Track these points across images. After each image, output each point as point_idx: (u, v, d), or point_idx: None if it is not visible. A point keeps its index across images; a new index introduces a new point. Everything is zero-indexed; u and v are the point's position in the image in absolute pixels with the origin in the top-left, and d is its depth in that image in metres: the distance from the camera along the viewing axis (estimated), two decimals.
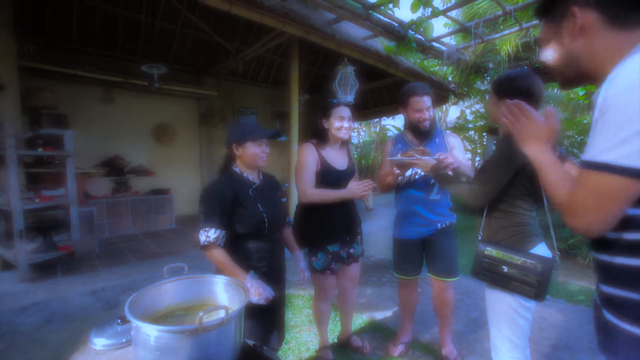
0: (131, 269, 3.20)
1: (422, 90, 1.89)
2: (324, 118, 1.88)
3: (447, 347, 2.11)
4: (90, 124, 4.97)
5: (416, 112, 1.90)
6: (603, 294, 0.74)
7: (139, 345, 0.82)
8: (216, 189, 1.42)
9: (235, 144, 1.45)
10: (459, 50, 4.96)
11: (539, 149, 0.88)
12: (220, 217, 1.36)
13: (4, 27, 3.19)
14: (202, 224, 1.36)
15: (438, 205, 1.97)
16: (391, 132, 13.50)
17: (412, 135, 2.03)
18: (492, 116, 1.42)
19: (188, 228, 5.09)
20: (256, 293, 1.27)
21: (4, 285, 2.74)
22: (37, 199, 3.08)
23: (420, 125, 1.92)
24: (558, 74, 0.82)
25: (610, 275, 0.72)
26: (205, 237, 1.34)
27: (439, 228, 1.97)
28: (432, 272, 2.04)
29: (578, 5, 0.71)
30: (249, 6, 3.05)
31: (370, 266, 3.88)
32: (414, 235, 2.00)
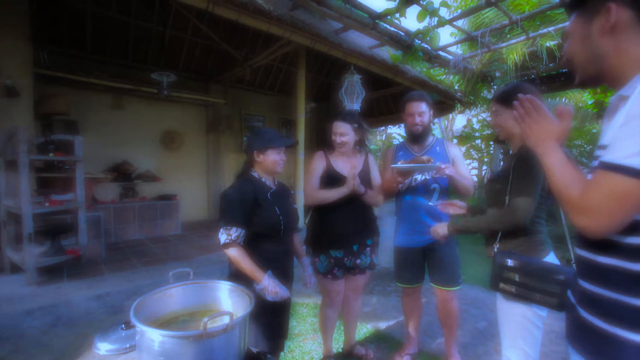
0: (136, 274, 3.21)
1: (416, 97, 1.99)
2: (328, 128, 2.01)
3: (453, 358, 2.08)
4: (100, 130, 5.06)
5: (409, 116, 1.99)
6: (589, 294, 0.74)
7: (144, 350, 0.82)
8: (238, 190, 1.49)
9: (257, 150, 1.54)
10: (466, 59, 4.98)
11: (550, 146, 0.83)
12: (241, 216, 1.42)
13: (22, 36, 3.29)
14: (224, 223, 1.41)
15: (438, 212, 1.92)
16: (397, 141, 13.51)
17: (413, 144, 2.08)
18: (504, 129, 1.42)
19: (193, 234, 5.11)
20: (273, 292, 1.33)
21: (12, 288, 2.77)
22: (46, 203, 3.13)
23: (412, 129, 1.99)
24: (579, 71, 0.80)
25: (607, 278, 0.71)
26: (227, 236, 1.39)
27: None
28: (434, 282, 2.03)
29: (615, 2, 0.69)
30: (257, 16, 3.10)
31: (375, 275, 3.84)
32: (415, 244, 2.00)
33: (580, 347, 0.76)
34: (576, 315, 0.78)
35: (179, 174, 6.02)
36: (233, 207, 1.43)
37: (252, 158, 1.56)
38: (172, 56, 5.54)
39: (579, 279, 0.78)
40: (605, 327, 0.69)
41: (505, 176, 1.35)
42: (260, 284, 1.35)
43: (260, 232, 1.47)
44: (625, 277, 0.68)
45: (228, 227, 1.40)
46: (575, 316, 0.78)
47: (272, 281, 1.35)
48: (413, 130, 1.99)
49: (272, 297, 1.33)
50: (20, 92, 3.22)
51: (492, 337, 2.46)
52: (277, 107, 7.32)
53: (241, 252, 1.40)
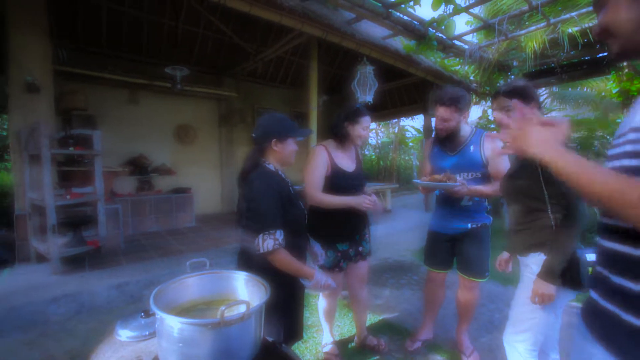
0: (153, 265, 3.30)
1: (445, 101, 1.84)
2: (347, 122, 1.90)
3: (463, 342, 2.11)
4: (116, 125, 5.18)
5: (436, 118, 1.94)
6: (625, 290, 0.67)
7: (163, 337, 0.84)
8: (270, 188, 1.34)
9: (276, 139, 1.40)
10: (482, 48, 4.84)
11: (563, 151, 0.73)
12: (280, 217, 1.30)
13: (41, 34, 3.38)
14: (264, 228, 1.26)
15: (474, 205, 1.96)
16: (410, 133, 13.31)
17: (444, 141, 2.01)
18: None
19: (207, 227, 5.20)
20: (325, 286, 1.34)
21: (39, 277, 2.90)
22: (68, 195, 3.24)
23: (437, 131, 1.96)
24: (621, 41, 0.72)
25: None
26: (274, 241, 1.25)
27: (469, 228, 1.96)
28: (461, 270, 2.05)
29: None
30: (268, 7, 3.08)
31: (387, 268, 3.84)
32: (443, 230, 2.04)
33: (609, 345, 0.71)
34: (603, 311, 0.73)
35: (193, 167, 6.12)
36: (272, 209, 1.29)
37: (267, 147, 1.42)
38: (185, 50, 5.59)
39: (609, 273, 0.72)
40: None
41: (530, 170, 1.28)
42: (313, 280, 1.34)
43: (289, 229, 1.35)
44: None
45: (271, 231, 1.26)
46: (602, 312, 0.73)
47: (323, 276, 1.36)
48: (437, 133, 1.96)
49: (323, 291, 1.32)
50: (40, 88, 3.31)
51: (496, 327, 2.45)
52: (289, 100, 7.31)
53: (288, 254, 1.30)
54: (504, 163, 1.82)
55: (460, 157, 1.92)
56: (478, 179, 1.88)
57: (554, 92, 7.88)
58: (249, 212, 1.34)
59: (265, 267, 1.34)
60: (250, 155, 1.45)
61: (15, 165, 3.38)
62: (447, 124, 1.86)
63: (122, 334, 1.12)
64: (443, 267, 2.12)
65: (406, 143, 13.04)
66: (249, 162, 1.43)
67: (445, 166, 1.94)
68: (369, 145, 13.31)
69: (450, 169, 1.89)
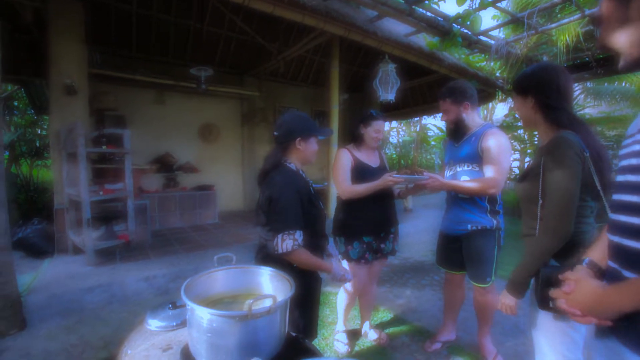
0: (179, 259, 3.43)
1: (440, 94, 1.99)
2: (362, 124, 2.07)
3: (485, 346, 2.07)
4: (144, 124, 5.40)
5: None
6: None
7: (193, 327, 0.88)
8: (291, 188, 1.33)
9: (300, 137, 1.40)
10: (509, 44, 4.65)
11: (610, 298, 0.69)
12: (300, 217, 1.30)
13: (79, 41, 3.59)
14: (284, 228, 1.27)
15: (469, 204, 1.91)
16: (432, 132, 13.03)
17: None
18: (523, 118, 1.31)
19: (230, 223, 5.34)
20: (342, 278, 1.40)
21: (75, 267, 3.09)
22: (101, 191, 3.42)
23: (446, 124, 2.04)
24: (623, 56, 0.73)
25: None
26: (293, 241, 1.26)
27: (469, 230, 1.91)
28: (467, 274, 2.03)
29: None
30: (291, 7, 3.11)
31: (409, 268, 3.79)
32: (447, 230, 2.06)
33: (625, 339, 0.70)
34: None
35: (216, 165, 6.28)
36: (293, 209, 1.29)
37: (290, 145, 1.41)
38: (209, 51, 5.74)
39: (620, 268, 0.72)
40: None
41: (535, 174, 1.20)
42: (332, 273, 1.40)
43: (308, 229, 1.35)
44: None
45: (291, 231, 1.26)
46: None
47: (341, 268, 1.41)
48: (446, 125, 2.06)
49: (341, 282, 1.38)
50: (77, 91, 3.52)
51: (522, 332, 2.37)
52: (310, 99, 7.35)
53: (307, 252, 1.31)
54: (496, 159, 1.78)
55: (460, 148, 1.96)
56: (475, 171, 1.87)
57: (588, 88, 7.45)
58: (269, 211, 1.33)
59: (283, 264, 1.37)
60: (271, 153, 1.45)
61: (54, 163, 3.61)
62: (446, 116, 1.97)
63: (152, 324, 1.18)
64: (455, 268, 2.09)
65: (428, 142, 12.78)
66: (270, 160, 1.42)
67: (449, 158, 2.04)
68: (389, 144, 13.15)
69: (453, 160, 1.98)
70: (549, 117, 1.20)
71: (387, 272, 3.62)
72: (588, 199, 1.17)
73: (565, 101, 1.20)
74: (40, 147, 6.83)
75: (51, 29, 3.42)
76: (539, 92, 1.20)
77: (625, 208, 0.71)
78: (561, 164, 1.10)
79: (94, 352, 2.09)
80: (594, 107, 7.66)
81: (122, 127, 4.44)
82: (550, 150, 1.14)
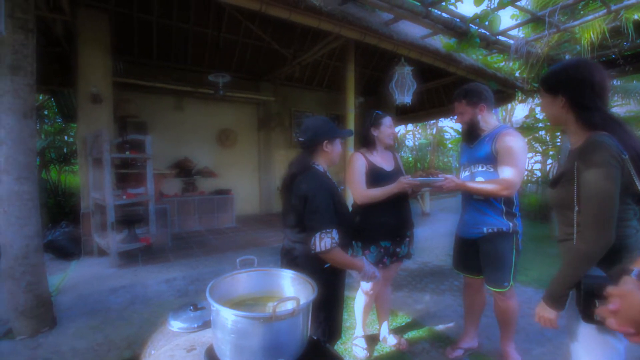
0: (199, 262, 3.50)
1: (455, 96, 1.99)
2: (372, 127, 2.09)
3: (509, 354, 2.00)
4: (163, 130, 5.57)
5: None
6: None
7: (218, 327, 0.89)
8: (324, 187, 1.37)
9: (327, 140, 1.44)
10: (529, 43, 4.53)
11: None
12: (335, 215, 1.34)
13: (105, 51, 3.76)
14: (323, 225, 1.29)
15: (484, 206, 1.88)
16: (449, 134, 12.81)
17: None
18: (551, 118, 1.24)
19: (246, 227, 5.40)
20: (372, 276, 1.43)
21: (100, 269, 3.21)
22: (124, 196, 3.54)
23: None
24: None
25: None
26: (331, 239, 1.29)
27: (485, 232, 1.86)
28: (484, 279, 1.98)
29: None
30: (307, 12, 3.15)
31: (427, 272, 3.72)
32: (463, 234, 2.03)
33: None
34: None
35: (233, 169, 6.40)
36: (328, 208, 1.32)
37: (318, 148, 1.45)
38: (226, 58, 5.88)
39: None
40: None
41: (568, 179, 1.13)
42: (362, 271, 1.43)
43: (339, 228, 1.37)
44: None
45: (328, 229, 1.29)
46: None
47: (371, 267, 1.44)
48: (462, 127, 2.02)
49: (370, 280, 1.42)
50: (103, 99, 3.67)
51: (549, 339, 2.28)
52: (326, 103, 7.38)
53: (342, 251, 1.35)
54: (511, 160, 1.75)
55: (475, 149, 1.93)
56: (490, 172, 1.84)
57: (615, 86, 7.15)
58: (303, 210, 1.35)
59: (309, 266, 1.37)
60: (299, 158, 1.48)
61: (81, 169, 3.77)
62: (461, 118, 1.95)
63: (174, 325, 1.21)
64: (473, 272, 2.04)
65: (445, 144, 12.56)
66: (298, 164, 1.45)
67: (464, 159, 2.02)
68: (405, 147, 13.01)
69: (468, 161, 1.96)
70: (581, 117, 1.13)
71: (406, 277, 3.57)
72: (629, 202, 1.10)
73: (600, 100, 1.12)
74: (67, 153, 7.15)
75: (79, 40, 3.59)
76: (571, 91, 1.13)
77: None
78: (597, 168, 1.04)
79: (119, 351, 2.15)
80: (622, 105, 7.33)
81: (143, 133, 4.60)
82: (584, 153, 1.08)
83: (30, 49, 2.14)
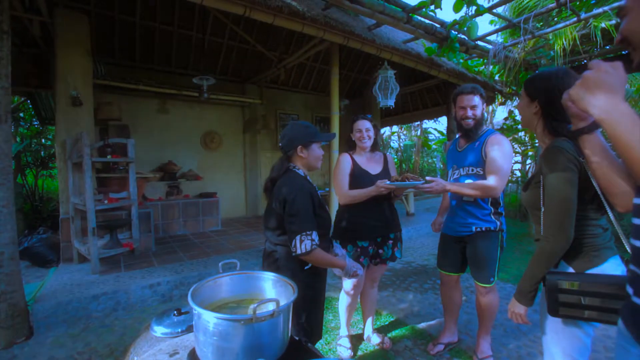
0: (183, 267, 3.46)
1: (469, 89, 1.96)
2: (351, 133, 2.15)
3: (480, 346, 2.09)
4: (147, 133, 5.48)
5: (460, 109, 1.98)
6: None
7: (200, 330, 0.91)
8: (304, 191, 1.39)
9: (301, 145, 1.46)
10: (507, 48, 4.70)
11: (614, 101, 0.65)
12: (314, 218, 1.37)
13: (84, 52, 3.67)
14: (301, 229, 1.33)
15: (473, 207, 1.96)
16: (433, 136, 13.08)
17: (461, 137, 2.09)
18: (524, 120, 1.30)
19: (232, 230, 5.36)
20: (354, 273, 1.45)
21: (81, 276, 3.13)
22: (105, 200, 3.47)
23: (463, 122, 1.97)
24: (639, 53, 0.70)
25: None
26: (311, 242, 1.32)
27: (473, 231, 1.95)
28: (471, 274, 2.06)
29: None
30: (291, 17, 3.18)
31: (411, 272, 3.80)
32: (451, 232, 2.08)
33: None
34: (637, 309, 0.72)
35: (218, 172, 6.34)
36: (307, 211, 1.35)
37: (293, 154, 1.48)
38: (211, 60, 5.84)
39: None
40: None
41: (537, 182, 1.21)
42: (345, 269, 1.46)
43: (319, 232, 1.40)
44: None
45: (308, 232, 1.32)
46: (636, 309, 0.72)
47: (353, 264, 1.47)
48: (464, 124, 1.96)
49: (352, 278, 1.44)
50: (83, 102, 3.59)
51: (524, 333, 2.40)
52: (311, 105, 7.42)
53: (322, 251, 1.38)
54: (499, 163, 1.83)
55: (465, 154, 1.99)
56: (479, 175, 1.92)
57: None
58: (283, 213, 1.38)
59: (290, 268, 1.40)
60: (278, 163, 1.52)
61: (60, 173, 3.67)
62: (475, 112, 1.93)
63: (157, 330, 1.21)
64: (453, 270, 2.13)
65: (429, 145, 12.82)
66: (278, 169, 1.49)
67: (453, 162, 2.06)
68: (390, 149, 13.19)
69: (457, 165, 2.02)
70: (548, 125, 1.21)
71: (390, 277, 3.63)
72: (591, 202, 1.17)
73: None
74: (45, 157, 6.92)
75: (58, 42, 3.50)
76: (547, 100, 1.18)
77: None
78: (557, 171, 1.12)
79: (101, 359, 2.11)
80: None
81: (126, 136, 4.52)
82: (546, 158, 1.16)
83: (5, 51, 2.09)
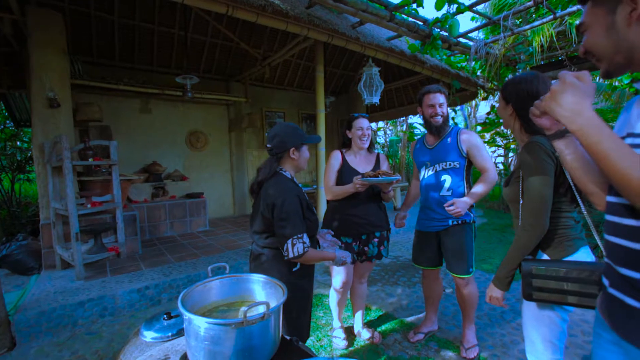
0: (171, 269, 3.42)
1: (434, 89, 2.05)
2: (347, 130, 2.16)
3: (466, 336, 2.15)
4: (130, 134, 5.35)
5: (429, 108, 2.05)
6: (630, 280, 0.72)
7: (191, 335, 0.91)
8: (293, 194, 1.40)
9: (294, 147, 1.46)
10: (488, 45, 4.81)
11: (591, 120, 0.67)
12: (304, 220, 1.39)
13: (60, 52, 3.54)
14: (293, 233, 1.34)
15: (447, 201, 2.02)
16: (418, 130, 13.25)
17: (428, 135, 2.16)
18: (503, 121, 1.38)
19: (221, 230, 5.32)
20: (343, 262, 1.49)
21: (65, 282, 3.05)
22: (88, 204, 3.38)
23: (432, 120, 2.05)
24: (605, 62, 0.75)
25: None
26: (303, 244, 1.34)
27: (450, 224, 2.02)
28: (448, 268, 2.11)
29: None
30: (275, 16, 3.16)
31: (399, 266, 3.87)
32: (428, 228, 2.12)
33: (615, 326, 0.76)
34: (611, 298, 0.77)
35: (204, 172, 6.26)
36: (297, 213, 1.37)
37: (285, 155, 1.47)
38: (194, 59, 5.73)
39: (619, 267, 0.75)
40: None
41: (516, 177, 1.29)
42: (335, 259, 1.50)
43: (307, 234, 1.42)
44: None
45: (299, 235, 1.34)
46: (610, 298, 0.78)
47: (342, 253, 1.52)
48: (433, 122, 2.04)
49: (343, 265, 1.51)
50: (61, 103, 3.47)
51: (511, 320, 2.49)
52: (297, 103, 7.40)
53: (314, 250, 1.43)
54: (484, 154, 1.98)
55: (438, 149, 2.06)
56: (456, 169, 2.00)
57: None
58: (272, 217, 1.38)
59: (278, 270, 1.42)
60: (266, 164, 1.49)
61: (39, 177, 3.55)
62: (442, 109, 2.02)
63: (147, 335, 1.20)
64: (431, 265, 2.19)
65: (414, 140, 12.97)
66: (266, 171, 1.47)
67: (425, 159, 2.10)
68: (377, 144, 13.31)
69: (431, 161, 2.07)
70: (523, 125, 1.29)
71: (379, 272, 3.69)
72: (565, 195, 1.25)
73: None
74: (21, 160, 6.66)
75: (31, 41, 3.37)
76: (519, 103, 1.26)
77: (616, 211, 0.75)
78: (532, 165, 1.20)
79: None
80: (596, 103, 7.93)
81: (107, 138, 4.40)
82: (524, 153, 1.23)
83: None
